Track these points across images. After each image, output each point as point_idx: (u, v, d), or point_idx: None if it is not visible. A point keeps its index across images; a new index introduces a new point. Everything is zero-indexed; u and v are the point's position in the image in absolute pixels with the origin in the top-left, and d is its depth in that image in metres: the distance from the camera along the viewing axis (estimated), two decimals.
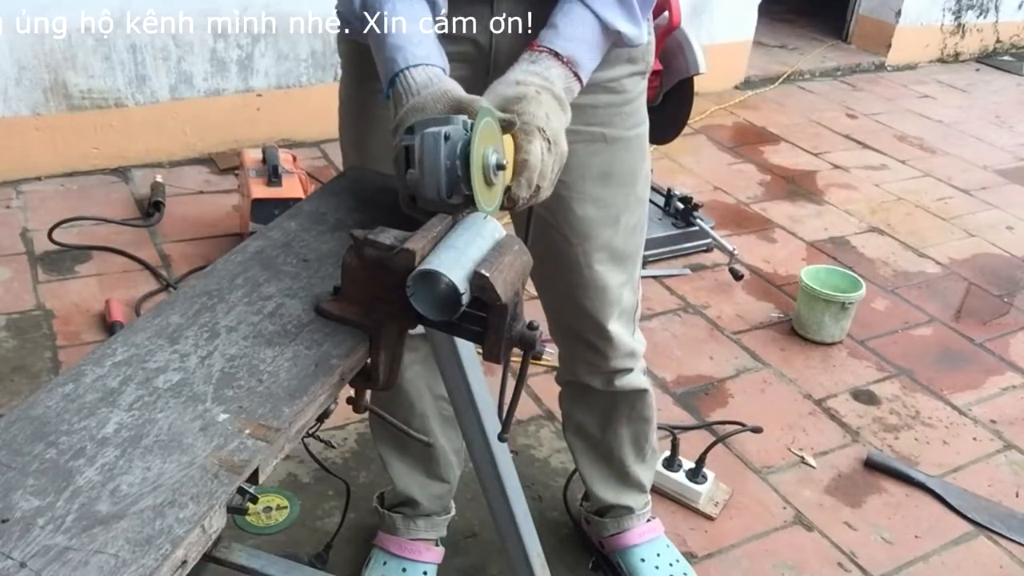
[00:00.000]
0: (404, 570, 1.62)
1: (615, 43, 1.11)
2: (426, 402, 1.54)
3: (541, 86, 1.01)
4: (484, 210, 0.91)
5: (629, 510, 1.67)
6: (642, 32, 1.12)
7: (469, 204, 0.91)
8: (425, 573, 1.63)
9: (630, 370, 1.50)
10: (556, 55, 1.05)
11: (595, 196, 1.29)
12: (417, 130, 0.92)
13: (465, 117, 0.92)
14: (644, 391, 1.55)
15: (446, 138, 0.89)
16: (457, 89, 0.98)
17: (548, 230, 1.31)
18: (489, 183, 0.91)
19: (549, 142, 0.98)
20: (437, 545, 1.67)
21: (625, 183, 1.32)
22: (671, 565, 1.68)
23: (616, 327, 1.41)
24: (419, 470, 1.61)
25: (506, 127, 0.95)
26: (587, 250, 1.32)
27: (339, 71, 1.29)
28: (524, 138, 0.97)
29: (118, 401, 0.76)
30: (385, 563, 1.63)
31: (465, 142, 0.89)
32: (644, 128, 1.33)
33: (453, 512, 1.70)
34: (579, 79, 1.07)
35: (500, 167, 0.91)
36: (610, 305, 1.38)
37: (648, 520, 1.71)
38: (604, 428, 1.59)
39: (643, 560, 1.67)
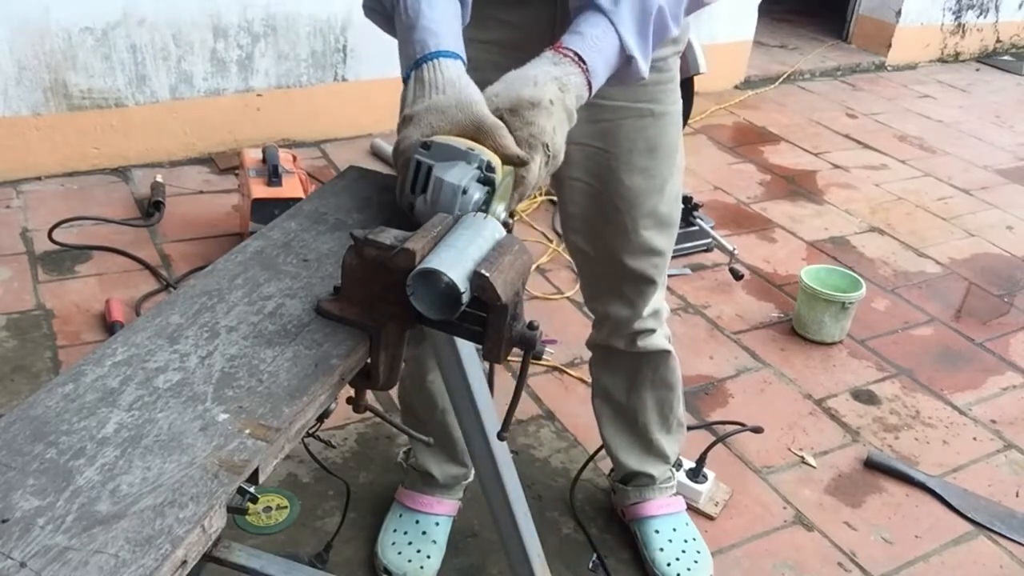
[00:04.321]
0: (417, 521, 1.72)
1: (619, 70, 1.10)
2: (447, 399, 1.59)
3: (556, 96, 1.01)
4: None
5: (651, 479, 1.74)
6: (647, 68, 1.11)
7: None
8: (437, 524, 1.72)
9: (653, 331, 1.59)
10: (580, 62, 1.04)
11: (643, 167, 1.40)
12: (436, 155, 0.93)
13: (482, 155, 0.93)
14: (667, 352, 1.63)
15: (464, 192, 0.91)
16: (481, 103, 0.98)
17: (598, 198, 1.42)
18: None
19: (549, 156, 1.00)
20: (451, 499, 1.76)
21: (669, 153, 1.42)
22: (685, 542, 1.72)
23: (659, 286, 1.54)
24: (440, 453, 1.71)
25: (517, 163, 0.97)
26: (635, 217, 1.43)
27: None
28: (528, 152, 0.98)
29: (118, 401, 0.76)
30: (401, 515, 1.74)
31: (479, 200, 0.92)
32: (681, 103, 1.44)
33: (472, 477, 1.77)
34: (590, 91, 1.07)
35: (506, 225, 0.94)
36: (654, 266, 1.50)
37: (671, 496, 1.78)
38: (629, 392, 1.66)
39: (657, 532, 1.73)
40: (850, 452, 2.09)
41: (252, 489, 0.72)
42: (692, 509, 1.84)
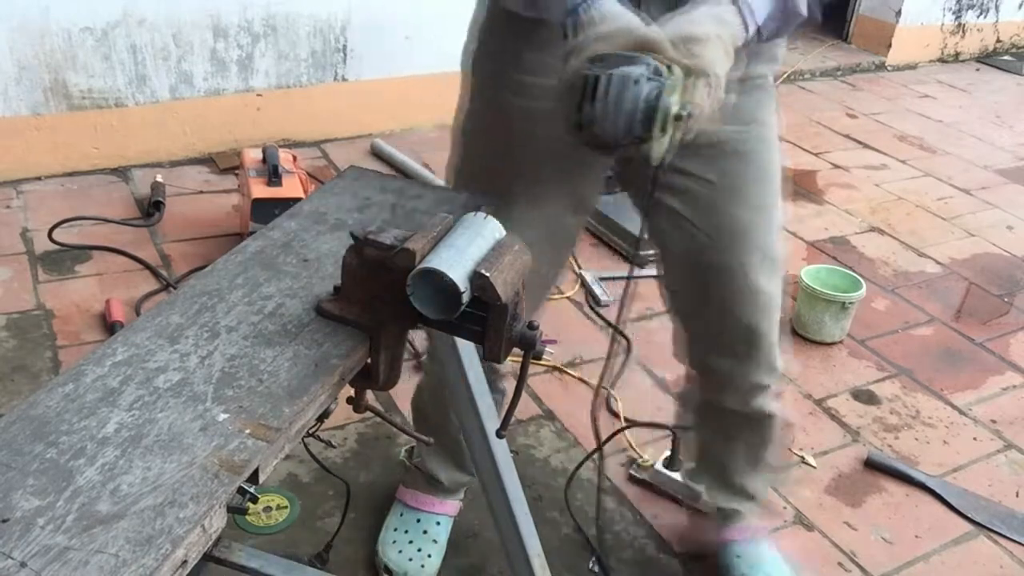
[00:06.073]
0: (418, 520, 1.71)
1: (784, 15, 1.10)
2: None
3: (717, 33, 1.01)
4: (653, 157, 0.95)
5: (738, 513, 1.66)
6: (805, 9, 1.12)
7: (639, 145, 0.95)
8: (439, 523, 1.71)
9: (767, 387, 1.45)
10: (736, 2, 1.05)
11: (752, 198, 1.27)
12: (607, 65, 0.93)
13: (650, 58, 0.94)
14: (772, 416, 1.51)
15: (635, 82, 0.91)
16: (641, 27, 0.99)
17: (698, 242, 1.28)
18: (665, 131, 0.95)
19: (711, 87, 0.99)
20: (452, 499, 1.75)
21: (775, 180, 1.30)
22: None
23: (772, 337, 1.37)
24: (448, 459, 1.70)
25: (685, 72, 0.97)
26: (744, 257, 1.28)
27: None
28: (692, 80, 0.98)
29: (118, 401, 0.76)
30: (402, 514, 1.73)
31: (652, 89, 0.92)
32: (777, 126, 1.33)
33: (473, 478, 1.76)
34: (747, 31, 1.07)
35: (679, 118, 0.94)
36: (768, 315, 1.34)
37: (755, 522, 1.68)
38: (723, 447, 1.59)
39: (739, 557, 1.65)
40: (850, 452, 2.09)
41: (252, 489, 0.72)
42: (693, 509, 1.84)
